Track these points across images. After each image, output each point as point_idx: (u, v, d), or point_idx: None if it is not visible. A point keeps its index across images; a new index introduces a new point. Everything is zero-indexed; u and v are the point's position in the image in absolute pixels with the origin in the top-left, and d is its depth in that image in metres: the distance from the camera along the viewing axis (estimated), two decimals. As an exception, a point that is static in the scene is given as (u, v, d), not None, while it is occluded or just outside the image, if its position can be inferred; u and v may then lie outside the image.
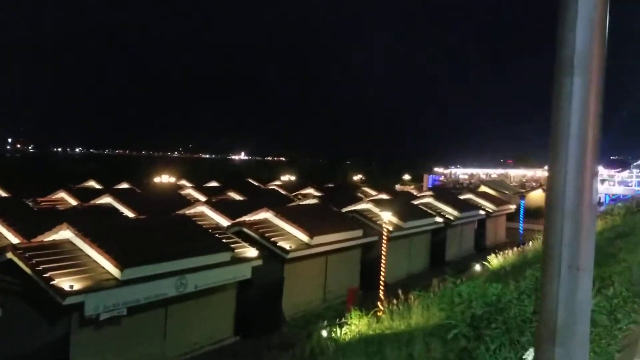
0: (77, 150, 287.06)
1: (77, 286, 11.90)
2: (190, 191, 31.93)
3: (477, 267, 24.11)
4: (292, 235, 19.16)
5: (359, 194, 39.76)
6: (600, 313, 5.59)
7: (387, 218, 19.23)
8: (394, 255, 24.88)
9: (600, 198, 62.79)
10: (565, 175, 1.83)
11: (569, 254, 1.83)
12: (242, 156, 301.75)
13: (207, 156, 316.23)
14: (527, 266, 16.87)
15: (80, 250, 13.56)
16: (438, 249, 28.64)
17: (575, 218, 1.83)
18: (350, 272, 22.00)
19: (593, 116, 1.83)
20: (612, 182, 66.86)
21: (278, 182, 47.06)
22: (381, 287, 18.35)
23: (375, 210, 25.72)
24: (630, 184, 63.02)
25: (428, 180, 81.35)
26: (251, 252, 16.73)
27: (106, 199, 25.11)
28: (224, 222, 20.40)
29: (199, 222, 20.00)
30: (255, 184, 45.06)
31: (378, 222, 24.28)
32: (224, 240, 16.16)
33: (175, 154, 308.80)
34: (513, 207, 37.87)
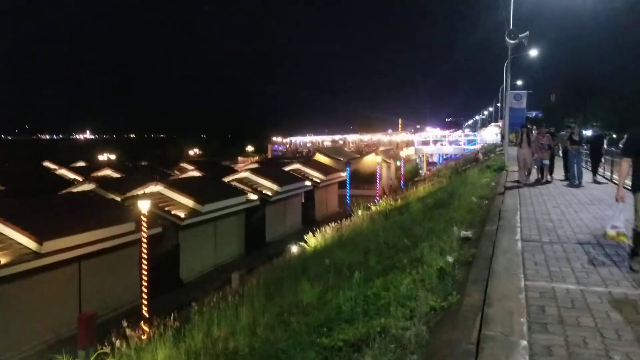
0: None
1: None
2: None
3: (294, 249, 20.46)
4: (14, 242, 13.48)
5: (176, 172, 34.48)
6: None
7: (145, 208, 14.35)
8: (192, 247, 20.25)
9: (432, 157, 64.23)
10: None
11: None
12: (87, 135, 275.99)
13: (47, 137, 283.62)
14: (339, 248, 13.26)
15: None
16: (255, 231, 24.55)
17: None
18: (124, 280, 16.82)
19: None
20: (443, 142, 68.77)
21: (82, 164, 39.62)
22: (144, 302, 13.59)
23: (168, 194, 20.78)
24: (460, 143, 65.03)
25: (272, 150, 78.15)
26: None
27: None
28: None
29: None
30: (52, 167, 37.36)
31: (166, 209, 19.43)
32: None
33: (9, 137, 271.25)
34: (344, 174, 35.19)
